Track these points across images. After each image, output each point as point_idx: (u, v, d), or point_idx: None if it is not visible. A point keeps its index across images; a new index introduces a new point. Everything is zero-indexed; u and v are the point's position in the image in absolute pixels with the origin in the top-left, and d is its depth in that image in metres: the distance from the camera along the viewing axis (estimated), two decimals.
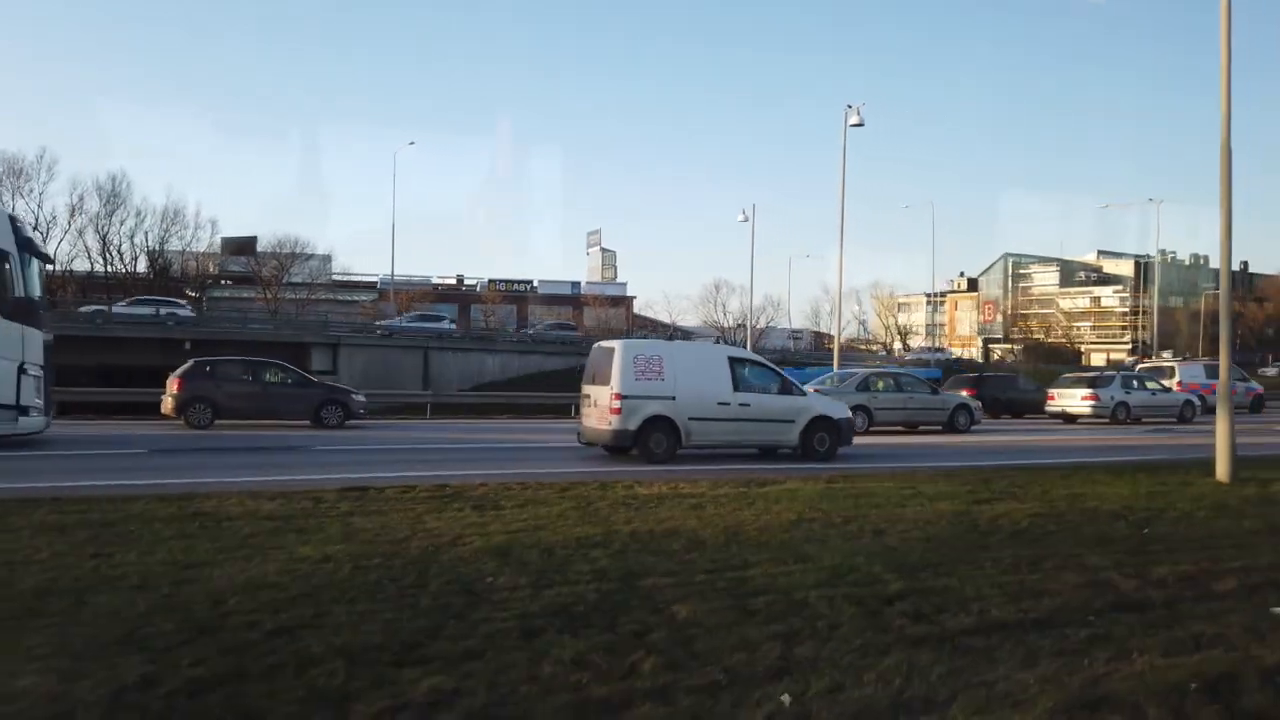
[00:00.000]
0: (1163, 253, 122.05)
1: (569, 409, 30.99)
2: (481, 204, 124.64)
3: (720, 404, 14.01)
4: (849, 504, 8.63)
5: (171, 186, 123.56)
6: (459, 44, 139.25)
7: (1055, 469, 11.84)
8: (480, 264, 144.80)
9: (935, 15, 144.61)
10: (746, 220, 37.68)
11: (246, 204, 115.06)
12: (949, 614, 5.42)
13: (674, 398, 13.77)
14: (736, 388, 14.23)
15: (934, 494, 9.34)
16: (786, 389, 14.87)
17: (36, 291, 14.68)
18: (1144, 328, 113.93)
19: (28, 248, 14.43)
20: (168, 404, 19.92)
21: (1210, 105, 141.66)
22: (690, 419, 13.85)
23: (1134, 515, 8.52)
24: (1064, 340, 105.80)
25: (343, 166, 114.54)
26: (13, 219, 14.57)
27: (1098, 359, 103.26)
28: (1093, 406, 26.48)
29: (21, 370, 13.96)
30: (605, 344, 15.04)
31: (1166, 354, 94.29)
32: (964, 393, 28.96)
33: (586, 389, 14.59)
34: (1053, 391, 28.58)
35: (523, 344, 50.96)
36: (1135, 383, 28.10)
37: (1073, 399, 27.25)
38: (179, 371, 20.24)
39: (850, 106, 28.12)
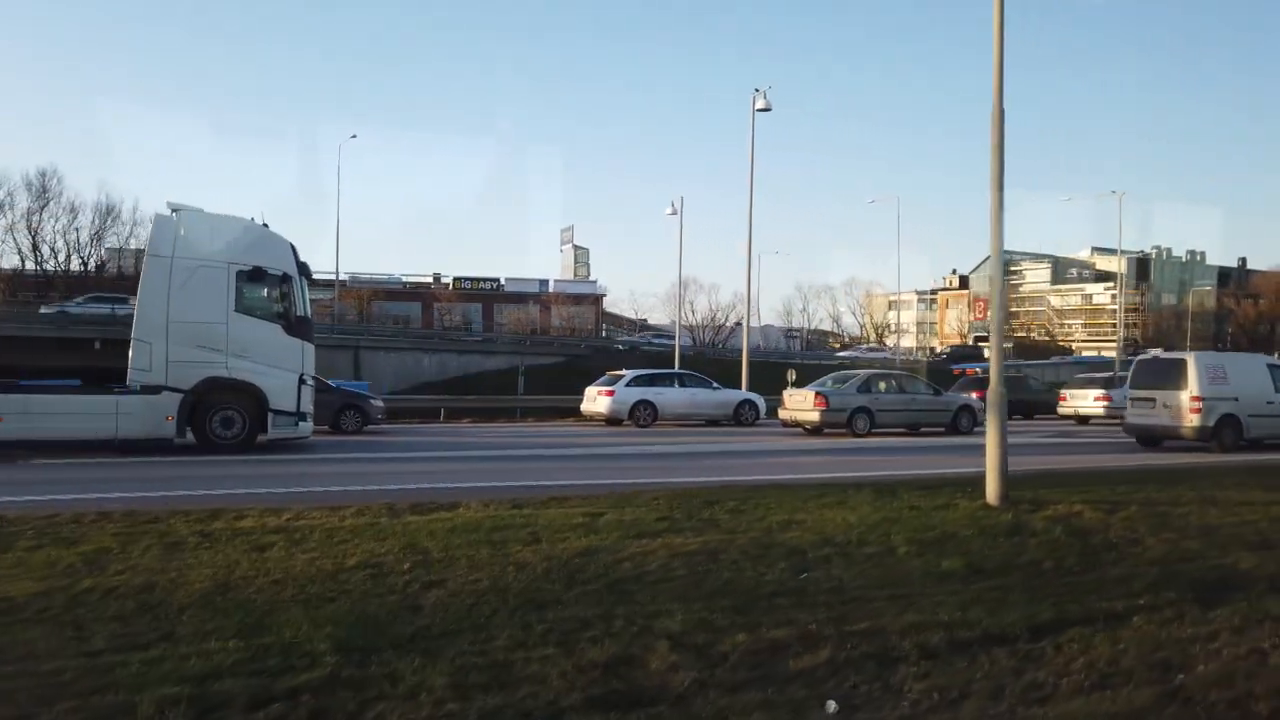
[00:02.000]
0: (1158, 249, 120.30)
1: (522, 412, 30.44)
2: (472, 203, 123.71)
3: (1268, 403, 17.43)
4: (472, 539, 7.06)
5: (104, 182, 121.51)
6: (446, 46, 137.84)
7: (822, 485, 10.18)
8: (472, 264, 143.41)
9: (932, 14, 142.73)
10: (674, 213, 35.98)
11: (228, 204, 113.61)
12: None
13: (1237, 399, 17.27)
14: (1276, 389, 17.55)
15: (607, 523, 7.74)
16: None
17: (309, 310, 16.49)
18: (1134, 325, 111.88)
19: (303, 271, 16.09)
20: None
21: (1212, 103, 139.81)
22: (1249, 416, 17.33)
23: (818, 553, 6.93)
24: (1048, 339, 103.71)
25: (327, 167, 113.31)
26: (292, 246, 15.96)
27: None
28: (1106, 407, 26.01)
29: (301, 380, 15.56)
30: (1171, 355, 19.66)
31: (1155, 352, 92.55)
32: (974, 394, 29.43)
33: (1148, 392, 17.71)
34: (1064, 392, 27.96)
35: (461, 343, 49.55)
36: None
37: (1085, 400, 26.77)
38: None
39: (757, 90, 26.56)
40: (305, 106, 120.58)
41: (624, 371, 25.89)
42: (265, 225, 16.08)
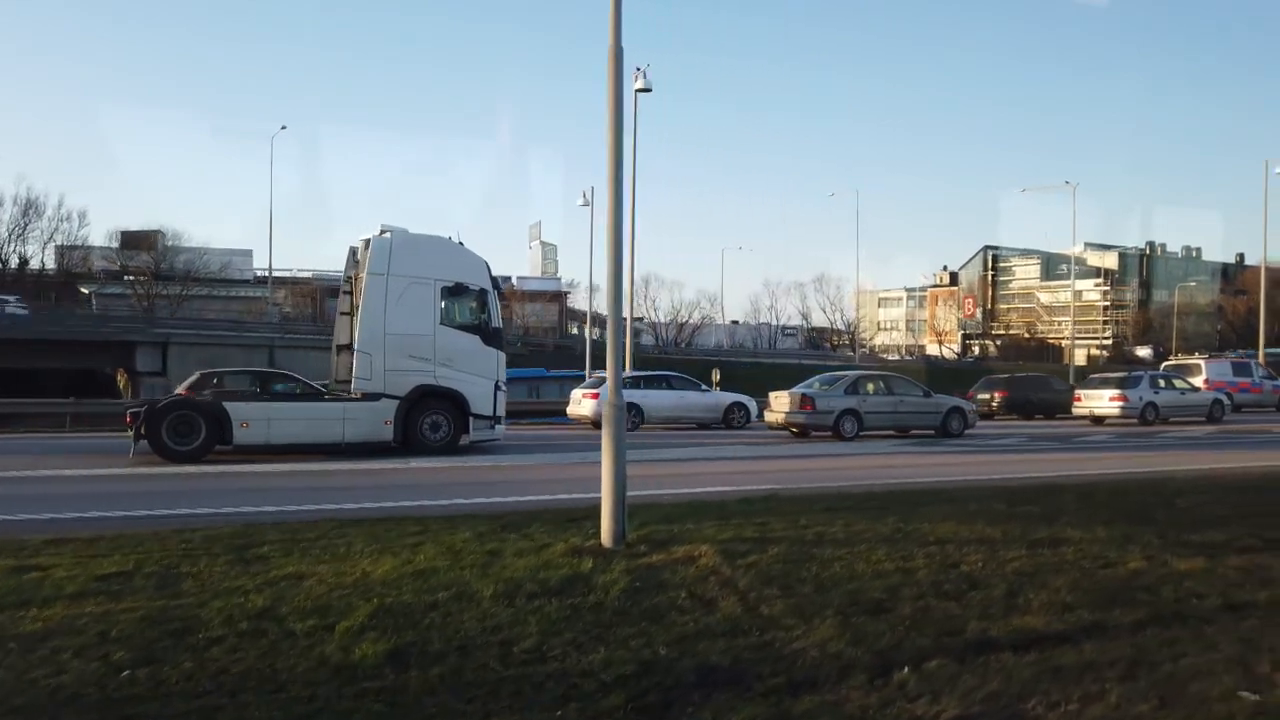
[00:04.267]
0: (1152, 244, 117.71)
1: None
2: (473, 201, 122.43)
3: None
4: None
5: (22, 176, 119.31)
6: (440, 41, 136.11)
7: (457, 517, 8.29)
8: None
9: (931, 15, 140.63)
10: (586, 204, 34.07)
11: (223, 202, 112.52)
12: None
13: None
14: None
15: (22, 583, 5.90)
16: None
17: (500, 321, 17.75)
18: (1124, 322, 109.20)
19: (496, 285, 17.35)
20: None
21: (1214, 101, 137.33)
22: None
23: (219, 631, 5.06)
24: (1026, 335, 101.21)
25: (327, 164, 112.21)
26: (486, 263, 17.09)
27: (1078, 355, 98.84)
28: (1121, 408, 25.96)
29: (497, 387, 16.75)
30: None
31: (1144, 350, 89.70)
32: (997, 394, 30.05)
33: None
34: (1080, 393, 27.92)
35: None
36: (1163, 382, 27.77)
37: (1100, 400, 26.66)
38: (185, 384, 19.49)
39: (638, 69, 24.68)
40: (301, 106, 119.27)
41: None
42: (461, 243, 16.93)
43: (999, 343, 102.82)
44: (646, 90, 24.80)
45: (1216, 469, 13.97)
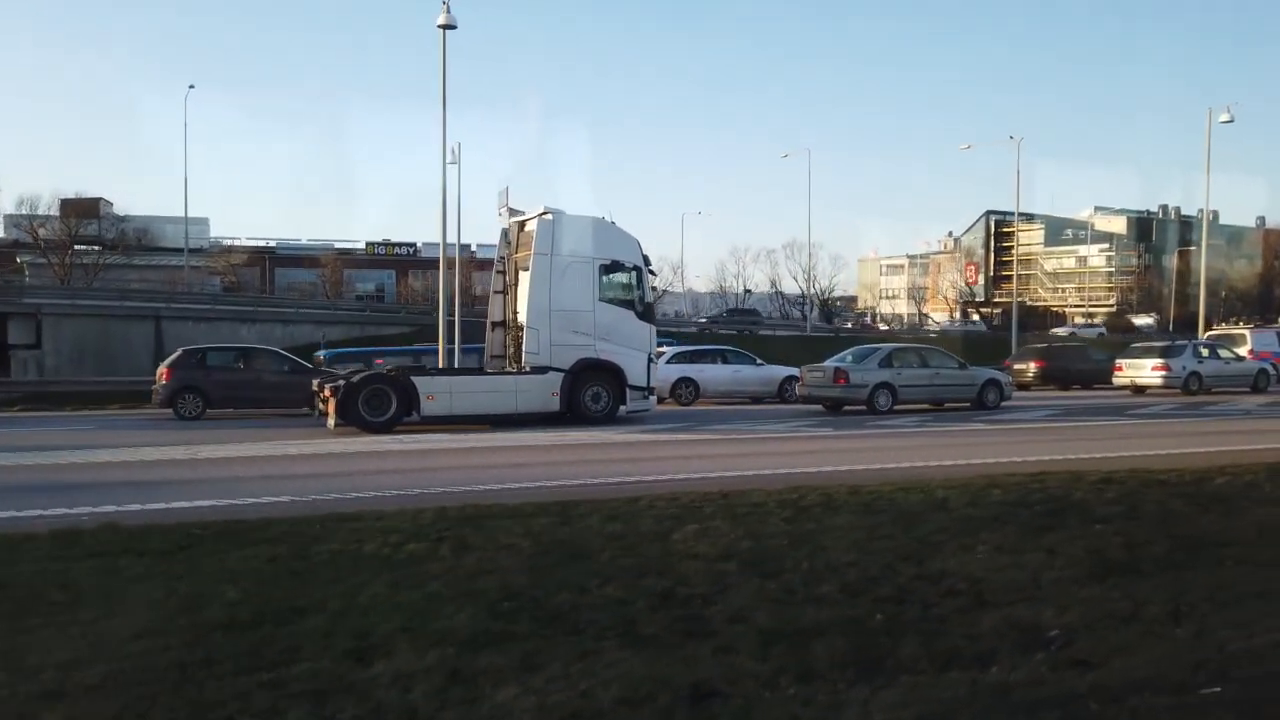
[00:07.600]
0: (1164, 208, 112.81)
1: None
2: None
3: None
4: None
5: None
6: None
7: None
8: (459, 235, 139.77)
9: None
10: (454, 163, 31.42)
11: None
12: None
13: None
14: None
15: None
16: None
17: (652, 296, 18.89)
18: (1130, 289, 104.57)
19: (646, 263, 17.88)
20: (158, 394, 19.53)
21: (1231, 64, 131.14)
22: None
23: None
24: (1024, 302, 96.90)
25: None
26: (637, 241, 17.67)
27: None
28: (1164, 377, 25.45)
29: (649, 359, 17.54)
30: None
31: (1144, 319, 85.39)
32: (1034, 364, 30.08)
33: None
34: (1120, 362, 27.41)
35: (286, 312, 45.65)
36: (1207, 352, 27.16)
37: (1142, 370, 26.19)
38: (168, 361, 19.66)
39: (443, 2, 22.22)
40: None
41: (665, 349, 24.03)
42: (613, 223, 17.48)
43: (995, 311, 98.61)
44: (451, 27, 22.45)
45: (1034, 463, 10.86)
